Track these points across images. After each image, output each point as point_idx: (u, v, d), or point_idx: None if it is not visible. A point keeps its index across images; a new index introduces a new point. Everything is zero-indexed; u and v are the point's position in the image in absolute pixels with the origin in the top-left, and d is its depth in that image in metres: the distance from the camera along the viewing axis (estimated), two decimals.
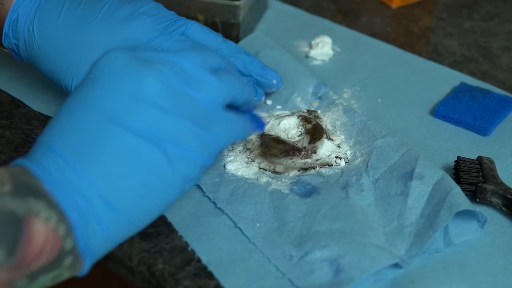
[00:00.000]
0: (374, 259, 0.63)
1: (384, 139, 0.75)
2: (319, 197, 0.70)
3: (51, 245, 0.54)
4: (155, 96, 0.58)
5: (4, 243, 0.51)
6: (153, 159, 0.58)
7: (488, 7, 1.06)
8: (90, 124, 0.57)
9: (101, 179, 0.57)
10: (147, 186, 0.58)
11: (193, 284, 0.64)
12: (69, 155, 0.57)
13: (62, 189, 0.56)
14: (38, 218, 0.53)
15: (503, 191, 0.70)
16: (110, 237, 0.58)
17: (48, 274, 0.55)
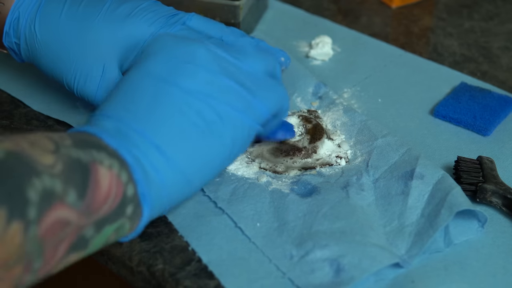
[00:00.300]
0: (374, 258, 0.63)
1: (384, 139, 0.75)
2: (320, 196, 0.70)
3: (115, 190, 0.56)
4: (205, 61, 0.62)
5: (74, 185, 0.53)
6: (203, 115, 0.61)
7: (488, 7, 1.06)
8: (145, 87, 0.61)
9: (156, 132, 0.60)
10: (199, 140, 0.61)
11: (193, 284, 0.64)
12: (124, 115, 0.60)
13: (120, 142, 0.58)
14: (102, 165, 0.56)
15: (503, 191, 0.70)
16: (167, 190, 0.60)
17: (112, 224, 0.57)
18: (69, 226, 0.52)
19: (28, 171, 0.50)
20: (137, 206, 0.59)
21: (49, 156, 0.52)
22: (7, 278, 0.49)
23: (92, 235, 0.55)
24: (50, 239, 0.51)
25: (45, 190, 0.50)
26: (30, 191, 0.49)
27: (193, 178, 0.61)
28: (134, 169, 0.58)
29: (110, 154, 0.57)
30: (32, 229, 0.49)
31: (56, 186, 0.51)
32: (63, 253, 0.53)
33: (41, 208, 0.50)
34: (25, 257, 0.49)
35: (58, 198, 0.51)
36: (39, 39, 0.76)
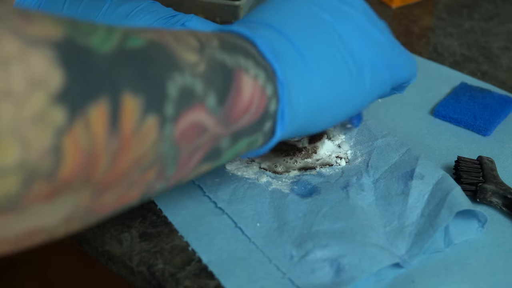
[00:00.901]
0: (374, 258, 0.63)
1: (384, 139, 0.75)
2: (320, 197, 0.70)
3: (258, 102, 0.53)
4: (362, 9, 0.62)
5: (215, 90, 0.50)
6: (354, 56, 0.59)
7: (488, 7, 1.06)
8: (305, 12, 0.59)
9: (311, 54, 0.57)
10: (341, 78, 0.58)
11: (194, 284, 0.64)
12: (283, 27, 0.57)
13: (272, 51, 0.55)
14: (247, 74, 0.52)
15: (503, 191, 0.70)
16: (299, 114, 0.57)
17: (248, 137, 0.54)
18: (206, 133, 0.50)
19: (170, 64, 0.47)
20: (274, 123, 0.56)
21: (193, 54, 0.49)
22: (140, 181, 0.47)
23: (227, 147, 0.53)
24: (186, 145, 0.48)
25: (185, 88, 0.47)
26: (170, 85, 0.46)
27: (325, 111, 0.59)
28: (281, 83, 0.54)
29: (258, 63, 0.54)
30: (169, 127, 0.46)
31: (197, 86, 0.48)
32: (197, 162, 0.51)
33: (180, 106, 0.47)
34: (159, 160, 0.47)
35: (198, 99, 0.48)
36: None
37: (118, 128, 0.43)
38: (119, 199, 0.47)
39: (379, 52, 0.61)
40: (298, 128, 0.58)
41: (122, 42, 0.45)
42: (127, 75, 0.43)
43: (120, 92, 0.43)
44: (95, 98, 0.41)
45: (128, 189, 0.47)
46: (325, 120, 0.60)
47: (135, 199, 0.49)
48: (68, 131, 0.40)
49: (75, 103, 0.40)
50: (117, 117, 0.43)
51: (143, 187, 0.48)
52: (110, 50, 0.44)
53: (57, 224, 0.44)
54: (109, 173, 0.44)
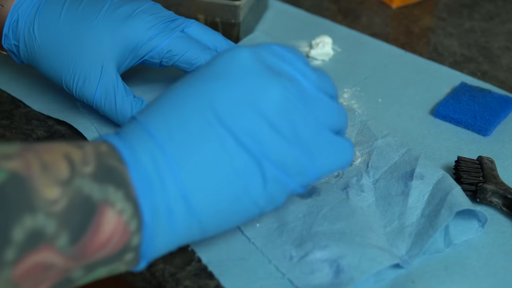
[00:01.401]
0: (374, 260, 0.63)
1: (384, 139, 0.75)
2: (319, 197, 0.70)
3: (119, 238, 0.51)
4: (274, 113, 0.56)
5: (69, 229, 0.48)
6: (248, 174, 0.55)
7: (488, 7, 1.06)
8: (196, 117, 0.55)
9: (191, 180, 0.54)
10: (233, 198, 0.56)
11: (194, 284, 0.64)
12: (166, 145, 0.54)
13: (146, 182, 0.53)
14: (113, 209, 0.51)
15: (503, 191, 0.70)
16: (175, 240, 0.56)
17: (106, 267, 0.53)
18: (52, 269, 0.48)
19: (23, 205, 0.46)
20: (137, 255, 0.54)
21: (56, 188, 0.48)
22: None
23: (81, 276, 0.51)
24: (26, 281, 0.47)
25: (34, 230, 0.46)
26: (16, 230, 0.45)
27: (209, 231, 0.57)
28: (146, 220, 0.53)
29: (128, 196, 0.52)
30: (6, 271, 0.45)
31: (48, 227, 0.47)
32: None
33: (23, 250, 0.46)
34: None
35: (46, 241, 0.47)
36: (38, 41, 0.76)
37: None
38: None
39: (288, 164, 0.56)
40: (178, 245, 0.57)
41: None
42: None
43: None
44: None
45: None
46: (212, 233, 0.58)
47: None
48: None
49: None
50: None
51: None
52: None
53: None
54: None
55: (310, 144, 0.58)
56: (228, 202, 0.56)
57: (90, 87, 0.76)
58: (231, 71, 0.57)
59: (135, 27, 0.75)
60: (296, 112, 0.57)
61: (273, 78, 0.57)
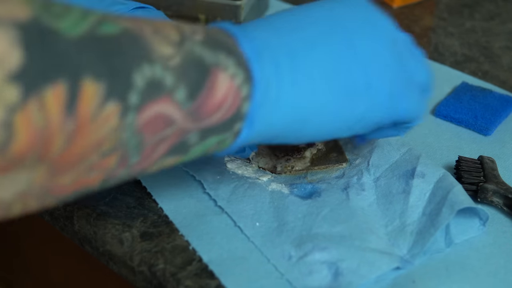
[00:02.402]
0: (373, 264, 0.63)
1: (385, 138, 0.75)
2: (320, 198, 0.70)
3: (231, 102, 0.53)
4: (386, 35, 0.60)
5: (186, 84, 0.50)
6: (354, 78, 0.58)
7: (489, 6, 1.06)
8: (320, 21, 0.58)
9: (303, 61, 0.56)
10: (333, 96, 0.57)
11: (195, 284, 0.64)
12: (282, 31, 0.56)
13: (256, 51, 0.54)
14: (225, 73, 0.52)
15: (504, 191, 0.70)
16: (276, 119, 0.56)
17: (217, 135, 0.54)
18: (173, 126, 0.50)
19: (141, 55, 0.47)
20: (243, 125, 0.55)
21: (169, 47, 0.49)
22: (100, 166, 0.47)
23: (195, 142, 0.53)
24: (150, 135, 0.49)
25: (153, 79, 0.47)
26: (137, 75, 0.46)
27: (307, 124, 0.57)
28: (257, 86, 0.54)
29: (239, 63, 0.53)
30: (131, 115, 0.47)
31: (167, 79, 0.48)
32: (162, 154, 0.51)
33: (145, 96, 0.47)
34: (121, 147, 0.47)
35: (166, 92, 0.48)
36: None
37: (75, 111, 0.44)
38: (77, 182, 0.48)
39: (388, 78, 0.59)
40: (275, 134, 0.57)
41: (94, 27, 0.45)
42: (91, 61, 0.44)
43: (80, 76, 0.43)
44: (52, 81, 0.42)
45: (88, 173, 0.48)
46: (308, 133, 0.59)
47: (95, 184, 0.49)
48: (21, 109, 0.41)
49: (31, 83, 0.41)
50: (74, 100, 0.43)
51: (103, 173, 0.48)
52: (79, 34, 0.44)
53: (12, 199, 0.45)
54: (65, 153, 0.45)
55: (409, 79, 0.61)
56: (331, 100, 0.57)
57: None
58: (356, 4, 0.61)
59: None
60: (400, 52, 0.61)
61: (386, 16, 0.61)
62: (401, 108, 0.61)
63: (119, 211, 0.71)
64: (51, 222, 0.74)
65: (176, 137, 0.51)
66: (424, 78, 0.63)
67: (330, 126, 0.59)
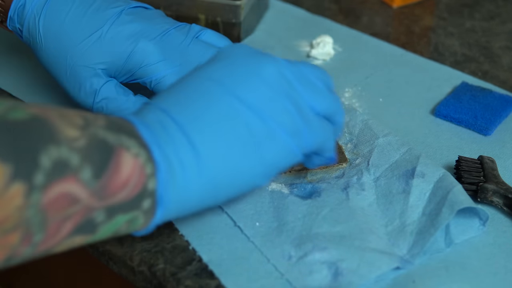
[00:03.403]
0: (373, 264, 0.63)
1: (385, 138, 0.75)
2: (320, 198, 0.70)
3: (136, 180, 0.54)
4: (270, 78, 0.60)
5: (91, 163, 0.51)
6: (251, 128, 0.59)
7: (489, 6, 1.06)
8: (202, 88, 0.60)
9: (196, 130, 0.58)
10: (238, 151, 0.59)
11: (195, 283, 0.64)
12: (171, 107, 0.59)
13: (154, 134, 0.57)
14: (129, 152, 0.54)
15: (504, 191, 0.70)
16: (190, 194, 0.58)
17: (126, 214, 0.55)
18: (78, 204, 0.51)
19: (48, 137, 0.49)
20: (153, 203, 0.57)
21: (75, 130, 0.51)
22: (3, 243, 0.48)
23: (102, 220, 0.54)
24: (54, 213, 0.50)
25: (59, 160, 0.49)
26: (43, 156, 0.48)
27: (221, 188, 0.59)
28: (159, 164, 0.56)
29: (140, 144, 0.55)
30: (36, 195, 0.48)
31: (73, 159, 0.50)
32: (68, 232, 0.52)
33: (50, 176, 0.49)
34: (24, 225, 0.48)
35: (71, 172, 0.50)
36: (41, 34, 0.75)
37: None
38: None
39: (286, 122, 0.60)
40: (194, 206, 0.59)
41: (4, 113, 0.48)
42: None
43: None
44: None
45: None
46: (227, 194, 0.60)
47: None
48: None
49: None
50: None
51: (6, 250, 0.49)
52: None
53: None
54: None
55: (305, 112, 0.61)
56: (234, 156, 0.59)
57: (86, 96, 0.75)
58: (231, 55, 0.62)
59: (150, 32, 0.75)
60: (291, 85, 0.61)
61: (267, 57, 0.62)
62: (307, 142, 0.62)
63: None
64: None
65: (81, 216, 0.52)
66: (324, 106, 0.63)
67: (245, 182, 0.60)
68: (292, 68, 0.62)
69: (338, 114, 0.65)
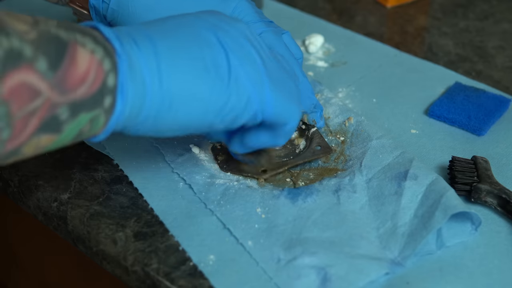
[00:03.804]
0: (362, 271, 0.63)
1: (379, 140, 0.75)
2: (311, 200, 0.70)
3: (94, 75, 0.55)
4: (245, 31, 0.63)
5: (46, 55, 0.51)
6: (219, 65, 0.60)
7: (483, 6, 1.06)
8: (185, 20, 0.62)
9: (167, 48, 0.59)
10: (199, 80, 0.59)
11: (188, 283, 0.64)
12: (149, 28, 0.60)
13: (115, 33, 0.57)
14: (84, 48, 0.54)
15: (498, 191, 0.70)
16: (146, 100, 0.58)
17: (88, 111, 0.55)
18: (40, 97, 0.51)
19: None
20: (114, 101, 0.57)
21: (24, 25, 0.51)
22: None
23: (66, 118, 0.54)
24: (18, 106, 0.50)
25: (12, 49, 0.50)
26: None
27: (177, 107, 0.59)
28: (120, 57, 0.56)
29: (97, 41, 0.56)
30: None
31: (25, 50, 0.50)
32: (34, 128, 0.52)
33: (6, 65, 0.49)
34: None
35: (26, 61, 0.50)
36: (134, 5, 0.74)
37: None
38: None
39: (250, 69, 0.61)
40: (147, 116, 0.59)
41: None
42: None
43: None
44: None
45: None
46: (179, 116, 0.60)
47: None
48: None
49: None
50: None
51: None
52: None
53: None
54: None
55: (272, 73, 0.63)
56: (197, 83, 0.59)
57: None
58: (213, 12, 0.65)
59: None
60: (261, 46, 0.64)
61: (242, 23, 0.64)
62: (267, 99, 0.62)
63: (113, 210, 0.70)
64: (45, 222, 0.74)
65: (46, 111, 0.52)
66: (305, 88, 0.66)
67: (200, 113, 0.60)
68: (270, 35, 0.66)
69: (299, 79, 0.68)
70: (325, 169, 0.74)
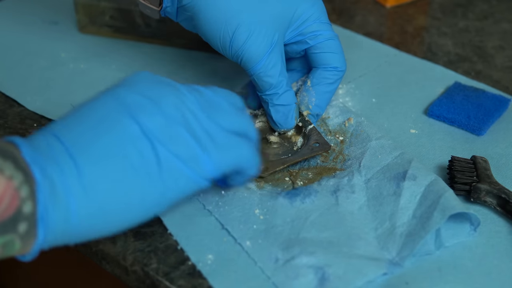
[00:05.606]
0: (360, 271, 0.63)
1: (378, 141, 0.75)
2: (309, 201, 0.70)
3: (8, 202, 0.53)
4: (167, 107, 0.60)
5: None
6: (143, 154, 0.58)
7: (482, 6, 1.06)
8: (101, 109, 0.59)
9: (83, 153, 0.57)
10: (127, 177, 0.58)
11: (187, 283, 0.64)
12: (63, 132, 0.58)
13: (38, 155, 0.56)
14: (1, 174, 0.53)
15: (497, 191, 0.70)
16: (77, 219, 0.56)
17: (1, 236, 0.54)
18: None
19: None
20: (32, 227, 0.55)
21: None
22: None
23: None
24: None
25: None
26: None
27: (112, 215, 0.58)
28: (40, 186, 0.55)
29: (17, 166, 0.54)
30: None
31: None
32: None
33: None
34: None
35: None
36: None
37: None
38: None
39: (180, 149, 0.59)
40: (82, 232, 0.58)
41: None
42: None
43: None
44: None
45: None
46: (117, 221, 0.59)
47: None
48: None
49: None
50: None
51: None
52: None
53: None
54: None
55: (204, 139, 0.60)
56: (128, 185, 0.58)
57: (256, 46, 0.74)
58: (137, 81, 0.62)
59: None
60: (192, 112, 0.61)
61: (169, 88, 0.62)
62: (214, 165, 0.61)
63: None
64: None
65: None
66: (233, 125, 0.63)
67: (140, 210, 0.60)
68: (194, 95, 0.62)
69: (249, 131, 0.65)
70: (324, 168, 0.74)
